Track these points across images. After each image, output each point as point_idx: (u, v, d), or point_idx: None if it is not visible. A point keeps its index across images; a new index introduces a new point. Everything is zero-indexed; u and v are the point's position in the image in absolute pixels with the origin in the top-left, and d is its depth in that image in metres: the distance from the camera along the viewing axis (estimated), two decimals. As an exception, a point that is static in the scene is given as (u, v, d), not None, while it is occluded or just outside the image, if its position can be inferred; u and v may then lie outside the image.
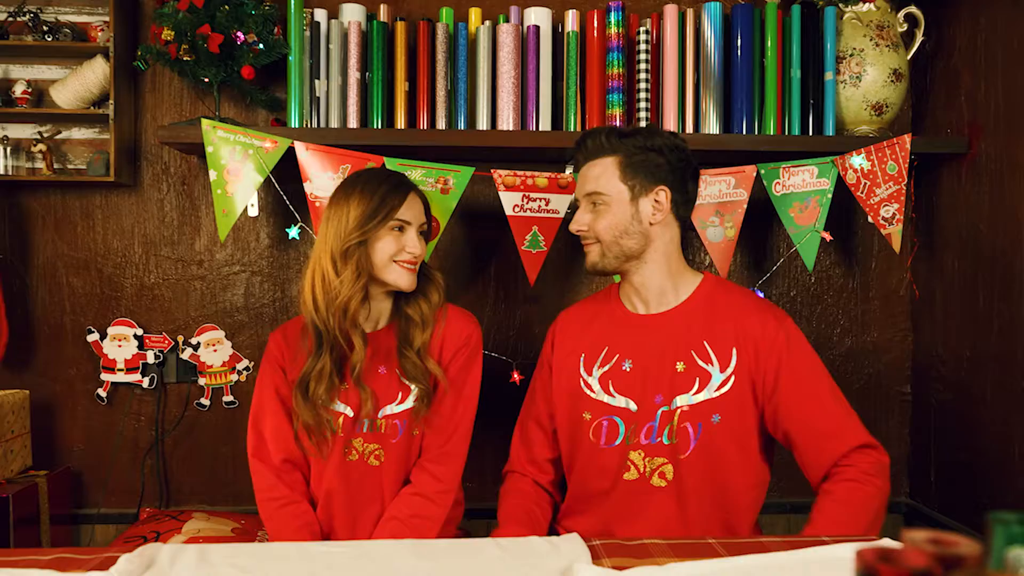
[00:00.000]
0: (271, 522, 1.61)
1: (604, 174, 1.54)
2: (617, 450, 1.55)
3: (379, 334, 1.66)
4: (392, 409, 1.63)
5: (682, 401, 1.51)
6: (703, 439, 1.50)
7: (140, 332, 2.29)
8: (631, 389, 1.55)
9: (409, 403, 1.62)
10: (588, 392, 1.59)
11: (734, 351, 1.51)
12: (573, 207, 1.66)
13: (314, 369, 1.56)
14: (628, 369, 1.56)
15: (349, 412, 1.61)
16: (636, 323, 1.60)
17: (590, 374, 1.60)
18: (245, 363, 2.31)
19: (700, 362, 1.52)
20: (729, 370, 1.51)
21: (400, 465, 1.65)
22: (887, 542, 1.08)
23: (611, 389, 1.57)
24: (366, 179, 1.62)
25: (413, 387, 1.61)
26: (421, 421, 1.61)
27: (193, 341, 2.30)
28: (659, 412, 1.52)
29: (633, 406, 1.54)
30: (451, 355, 1.66)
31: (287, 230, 2.04)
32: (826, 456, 1.49)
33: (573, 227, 1.59)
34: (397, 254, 1.57)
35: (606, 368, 1.58)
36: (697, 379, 1.51)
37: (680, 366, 1.52)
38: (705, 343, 1.53)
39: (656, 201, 1.54)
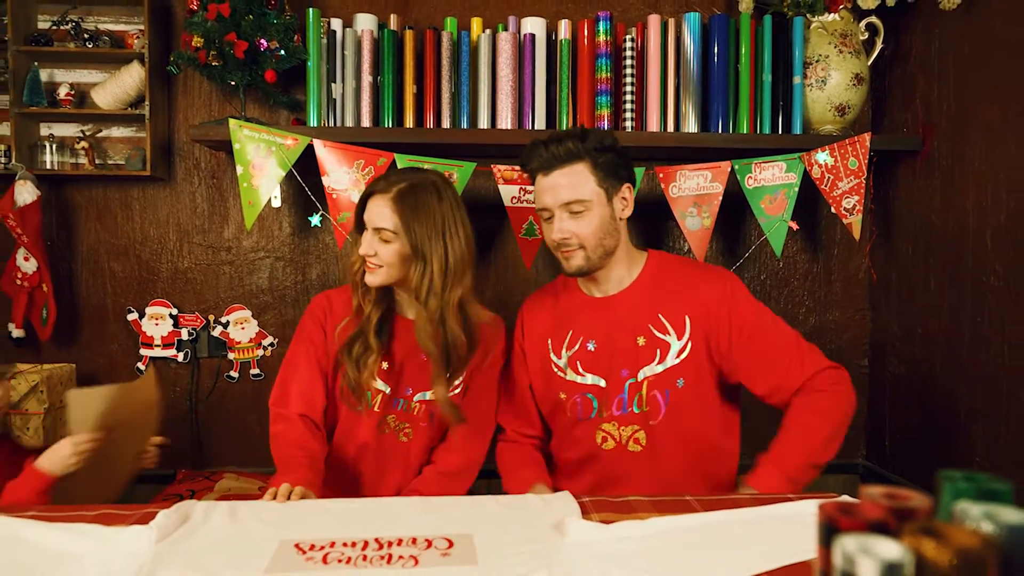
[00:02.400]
0: (276, 450, 1.49)
1: (580, 181, 1.45)
2: (592, 423, 1.54)
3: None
4: (426, 396, 1.57)
5: (647, 372, 1.50)
6: (671, 404, 1.49)
7: (175, 312, 2.29)
8: (598, 367, 1.53)
9: None
10: (559, 374, 1.56)
11: (687, 319, 1.50)
12: (544, 215, 1.52)
13: (357, 330, 1.53)
14: (593, 349, 1.54)
15: (387, 390, 1.56)
16: (594, 306, 1.56)
17: (559, 357, 1.57)
18: (270, 339, 2.32)
19: (658, 334, 1.50)
20: (685, 337, 1.50)
21: (426, 444, 1.61)
22: (846, 498, 1.08)
23: (580, 369, 1.54)
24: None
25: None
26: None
27: (223, 320, 2.30)
28: (627, 384, 1.51)
29: (602, 382, 1.53)
30: (482, 356, 1.59)
31: (309, 218, 2.04)
32: (788, 387, 1.47)
33: (557, 236, 1.47)
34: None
35: (573, 350, 1.55)
36: (658, 350, 1.50)
37: (641, 340, 1.50)
38: (660, 316, 1.51)
39: (624, 199, 1.51)
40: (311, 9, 2.06)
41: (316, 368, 1.56)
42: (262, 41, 1.97)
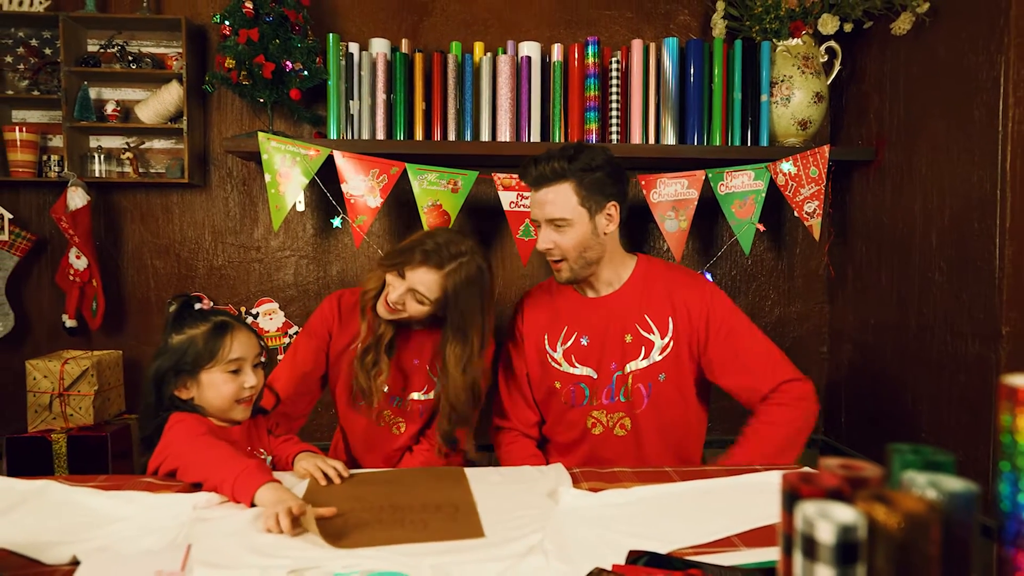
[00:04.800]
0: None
1: (562, 200, 1.41)
2: (583, 410, 1.53)
3: (416, 332, 1.56)
4: (418, 396, 1.56)
5: (633, 366, 1.48)
6: (653, 395, 1.49)
7: (211, 304, 2.28)
8: (590, 360, 1.52)
9: (432, 395, 1.55)
10: (555, 365, 1.54)
11: (670, 320, 1.48)
12: (536, 223, 1.48)
13: (371, 343, 1.50)
14: (586, 344, 1.52)
15: (386, 388, 1.54)
16: (588, 305, 1.54)
17: (555, 350, 1.55)
18: (295, 329, 2.32)
19: (644, 333, 1.48)
20: (668, 336, 1.48)
21: (414, 433, 1.60)
22: (806, 469, 1.09)
23: (574, 361, 1.53)
24: (427, 234, 1.48)
25: (437, 382, 1.54)
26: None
27: (253, 311, 2.30)
28: (615, 376, 1.50)
29: (594, 374, 1.51)
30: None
31: (331, 220, 2.04)
32: (757, 390, 1.45)
33: (541, 246, 1.44)
34: (387, 294, 1.45)
35: (568, 344, 1.53)
36: (643, 347, 1.48)
37: (628, 338, 1.49)
38: (646, 316, 1.48)
39: (609, 215, 1.46)
40: (331, 34, 2.05)
41: (310, 361, 1.56)
42: (287, 63, 1.97)
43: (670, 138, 2.11)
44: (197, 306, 1.30)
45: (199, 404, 1.25)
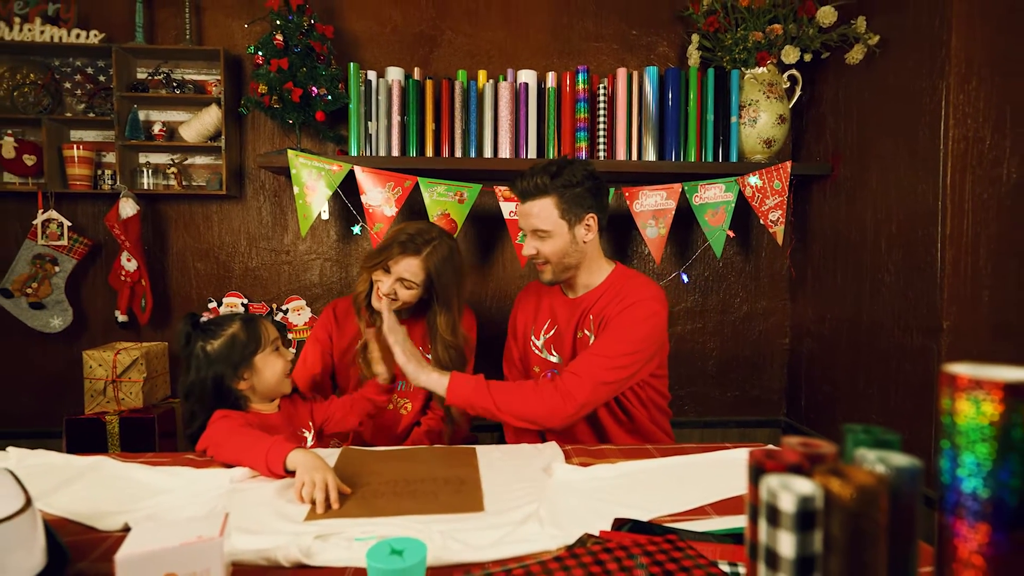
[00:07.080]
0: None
1: (544, 213, 1.39)
2: None
3: (405, 322, 1.58)
4: None
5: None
6: None
7: (246, 301, 2.29)
8: (561, 349, 1.52)
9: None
10: (536, 352, 1.55)
11: (601, 321, 1.44)
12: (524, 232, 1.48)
13: (363, 338, 1.53)
14: (559, 336, 1.52)
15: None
16: (566, 303, 1.53)
17: (538, 338, 1.55)
18: (320, 323, 2.32)
19: (586, 331, 1.47)
20: (596, 336, 1.44)
21: (420, 410, 1.62)
22: (770, 447, 1.09)
23: (552, 350, 1.53)
24: (398, 229, 1.51)
25: (431, 358, 1.55)
26: None
27: (283, 307, 2.30)
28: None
29: (561, 361, 1.51)
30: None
31: (352, 228, 2.04)
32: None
33: (526, 253, 1.44)
34: (378, 289, 1.50)
35: (549, 335, 1.54)
36: (587, 343, 1.45)
37: (579, 333, 1.48)
38: (590, 316, 1.46)
39: (587, 226, 1.43)
40: (352, 63, 2.05)
41: (319, 364, 1.60)
42: (313, 88, 1.96)
43: (651, 155, 2.11)
44: (203, 319, 1.29)
45: (257, 388, 1.25)
